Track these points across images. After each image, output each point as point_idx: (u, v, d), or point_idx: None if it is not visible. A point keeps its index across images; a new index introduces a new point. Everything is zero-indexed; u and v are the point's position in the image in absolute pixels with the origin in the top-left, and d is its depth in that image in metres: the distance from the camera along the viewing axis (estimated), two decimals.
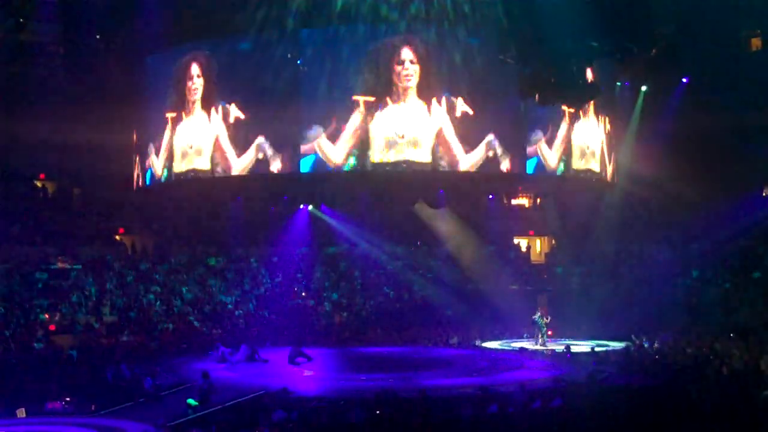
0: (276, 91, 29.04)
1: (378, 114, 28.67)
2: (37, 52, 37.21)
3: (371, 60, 28.72)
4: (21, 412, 21.29)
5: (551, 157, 30.88)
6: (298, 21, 28.82)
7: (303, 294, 38.70)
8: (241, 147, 29.98)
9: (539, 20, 22.91)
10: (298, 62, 29.33)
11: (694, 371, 23.15)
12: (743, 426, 14.72)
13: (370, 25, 28.80)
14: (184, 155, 31.41)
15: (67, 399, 22.23)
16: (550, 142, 30.75)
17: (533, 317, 33.51)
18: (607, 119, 33.60)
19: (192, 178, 31.48)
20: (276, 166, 29.57)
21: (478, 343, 34.28)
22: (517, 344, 33.09)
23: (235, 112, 30.03)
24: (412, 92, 28.74)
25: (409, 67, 28.64)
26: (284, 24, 28.81)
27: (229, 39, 30.22)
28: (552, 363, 28.27)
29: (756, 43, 38.51)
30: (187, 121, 31.28)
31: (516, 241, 44.87)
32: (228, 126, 30.15)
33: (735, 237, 37.01)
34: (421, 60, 28.68)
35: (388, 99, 28.63)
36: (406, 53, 28.61)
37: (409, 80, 28.64)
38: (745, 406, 16.41)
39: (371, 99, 28.63)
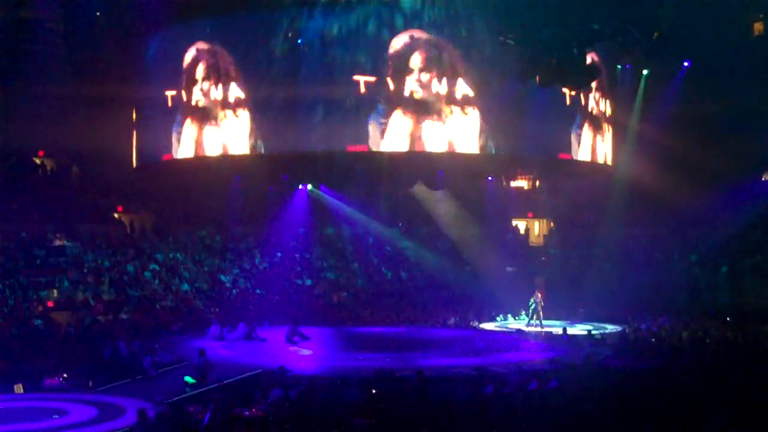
0: (275, 71, 28.99)
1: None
2: (37, 29, 37.08)
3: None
4: (18, 388, 21.39)
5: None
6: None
7: (301, 274, 38.71)
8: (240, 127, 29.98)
9: (541, 2, 22.88)
10: (299, 42, 29.24)
11: (690, 354, 23.24)
12: (737, 408, 14.77)
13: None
14: (188, 136, 31.39)
15: (65, 375, 22.32)
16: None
17: (530, 300, 33.62)
18: (608, 103, 33.57)
19: (193, 158, 31.43)
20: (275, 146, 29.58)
21: (475, 324, 34.38)
22: (514, 325, 33.21)
23: (235, 92, 29.97)
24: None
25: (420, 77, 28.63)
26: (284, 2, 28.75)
27: (228, 17, 30.10)
28: (549, 345, 28.36)
29: (758, 27, 38.42)
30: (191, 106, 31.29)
31: (514, 223, 44.91)
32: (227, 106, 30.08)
33: (734, 221, 37.03)
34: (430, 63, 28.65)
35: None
36: (415, 61, 28.56)
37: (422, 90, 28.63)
38: (738, 389, 16.47)
39: (372, 79, 28.54)
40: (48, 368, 22.82)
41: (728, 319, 30.82)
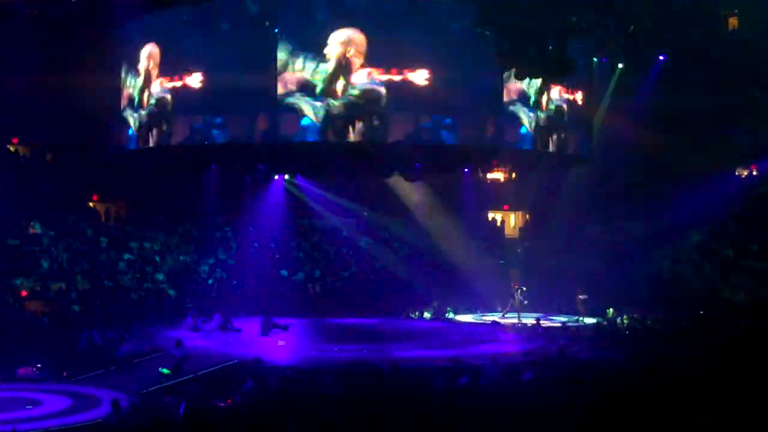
0: (250, 58, 28.85)
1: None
2: (11, 13, 36.68)
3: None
4: None
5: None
6: None
7: (277, 264, 38.63)
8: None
9: None
10: (275, 30, 29.10)
11: (663, 347, 23.46)
12: (711, 402, 14.92)
13: None
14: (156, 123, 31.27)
15: (39, 365, 22.20)
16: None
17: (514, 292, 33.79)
18: (581, 95, 33.68)
19: (167, 145, 31.30)
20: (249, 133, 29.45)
21: (451, 316, 34.49)
22: (490, 317, 33.36)
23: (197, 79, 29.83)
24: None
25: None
26: None
27: (202, 4, 29.95)
28: (524, 336, 28.52)
29: (733, 22, 38.66)
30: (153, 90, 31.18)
31: (490, 215, 45.02)
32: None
33: (708, 216, 37.30)
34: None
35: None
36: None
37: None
38: (714, 383, 16.63)
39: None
40: (21, 358, 22.69)
41: (701, 312, 31.08)
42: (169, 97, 30.77)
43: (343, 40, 28.41)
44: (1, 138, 38.83)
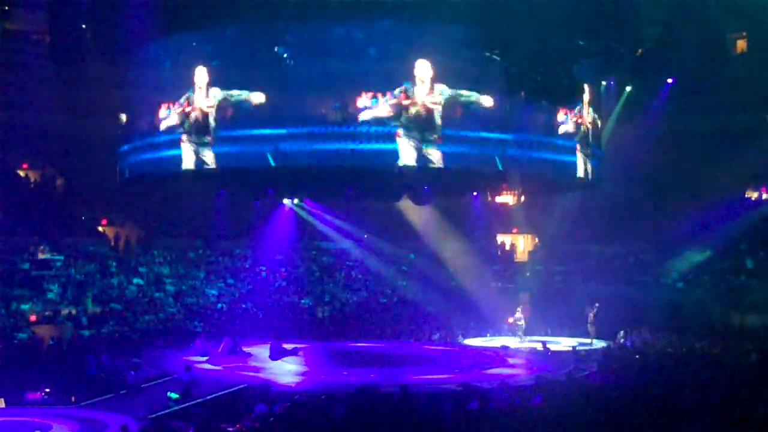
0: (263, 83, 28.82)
1: None
2: (23, 40, 37.00)
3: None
4: (0, 402, 21.22)
5: None
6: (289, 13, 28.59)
7: (286, 288, 38.62)
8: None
9: (527, 19, 22.94)
10: (285, 55, 29.13)
11: (674, 371, 23.28)
12: (721, 425, 14.82)
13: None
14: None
15: (47, 390, 22.16)
16: None
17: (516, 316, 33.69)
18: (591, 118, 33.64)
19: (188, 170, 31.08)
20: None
21: (460, 339, 34.38)
22: (499, 341, 33.22)
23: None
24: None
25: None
26: (274, 14, 28.59)
27: (216, 29, 29.96)
28: (533, 361, 28.38)
29: (741, 45, 38.77)
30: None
31: (499, 239, 44.96)
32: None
33: (718, 238, 37.20)
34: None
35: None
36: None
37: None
38: (724, 406, 16.52)
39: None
40: (30, 382, 22.65)
41: (713, 335, 30.88)
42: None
43: None
44: (11, 163, 39.08)
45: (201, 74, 29.32)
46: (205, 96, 29.30)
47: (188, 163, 29.75)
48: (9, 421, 19.90)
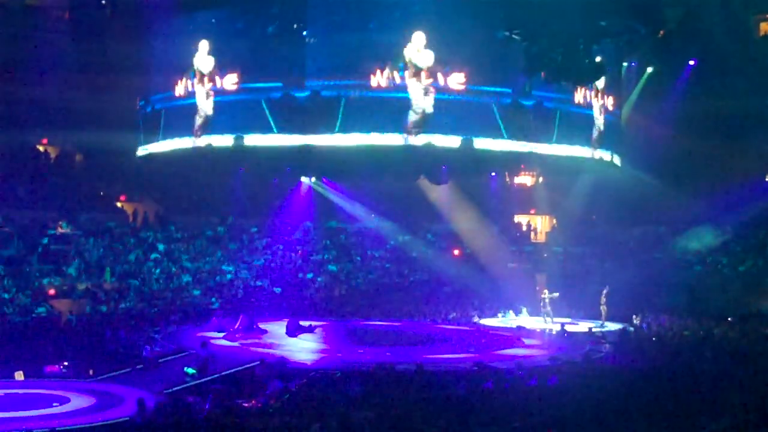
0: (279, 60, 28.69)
1: None
2: (43, 16, 36.99)
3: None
4: (19, 375, 21.44)
5: None
6: None
7: (303, 266, 38.70)
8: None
9: None
10: (304, 33, 29.03)
11: (690, 355, 23.22)
12: (737, 409, 14.76)
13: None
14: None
15: (65, 363, 22.34)
16: None
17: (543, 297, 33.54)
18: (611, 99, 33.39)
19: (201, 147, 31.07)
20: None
21: (476, 319, 34.38)
22: (515, 322, 33.20)
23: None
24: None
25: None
26: None
27: (233, 7, 29.86)
28: (549, 342, 28.36)
29: (765, 27, 38.33)
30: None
31: (517, 219, 44.84)
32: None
33: (737, 222, 36.99)
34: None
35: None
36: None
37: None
38: (740, 389, 16.46)
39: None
40: (49, 356, 22.86)
41: (730, 319, 30.76)
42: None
43: None
44: (31, 138, 39.21)
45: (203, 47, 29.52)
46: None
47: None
48: (28, 393, 20.11)
